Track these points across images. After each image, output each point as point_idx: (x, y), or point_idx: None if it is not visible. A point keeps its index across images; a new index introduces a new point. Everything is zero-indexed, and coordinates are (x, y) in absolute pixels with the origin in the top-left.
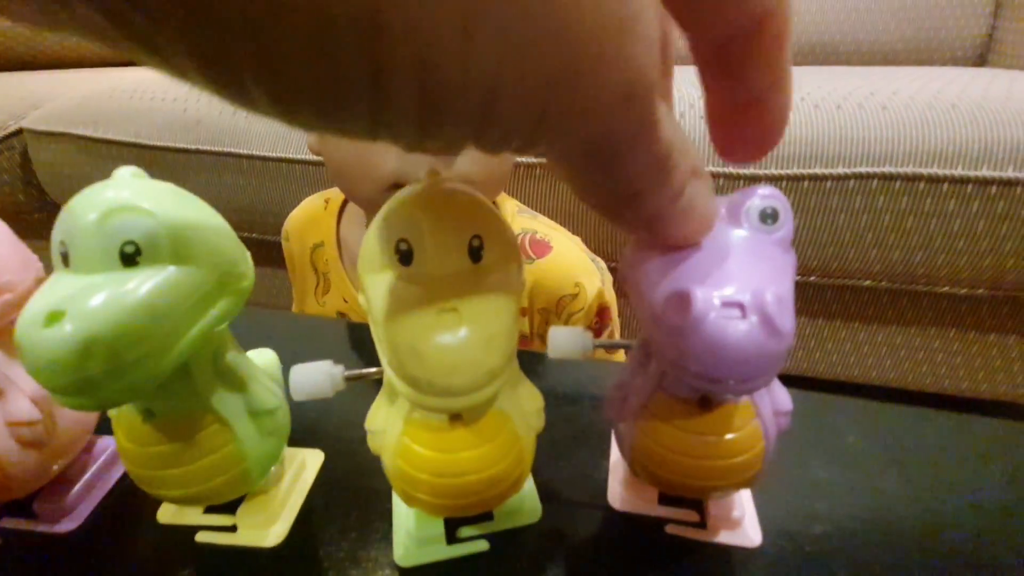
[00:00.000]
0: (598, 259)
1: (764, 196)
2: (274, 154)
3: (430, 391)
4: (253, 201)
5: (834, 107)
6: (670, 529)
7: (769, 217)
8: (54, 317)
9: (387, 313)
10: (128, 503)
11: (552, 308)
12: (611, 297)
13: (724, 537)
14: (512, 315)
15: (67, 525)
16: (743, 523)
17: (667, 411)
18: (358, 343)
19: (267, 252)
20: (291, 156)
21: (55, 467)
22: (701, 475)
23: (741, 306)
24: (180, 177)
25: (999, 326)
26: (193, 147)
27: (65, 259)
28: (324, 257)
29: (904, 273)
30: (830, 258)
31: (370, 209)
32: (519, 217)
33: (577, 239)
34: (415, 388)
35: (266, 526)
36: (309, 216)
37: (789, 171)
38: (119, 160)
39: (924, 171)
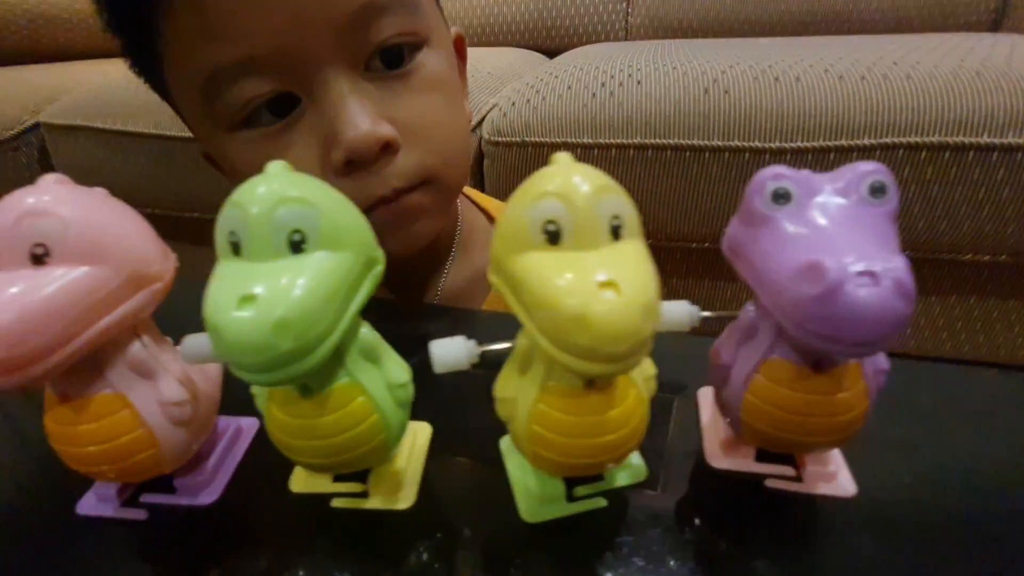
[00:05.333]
0: None
1: (874, 170)
2: None
3: (593, 358)
4: None
5: (859, 78)
6: (770, 483)
7: (879, 191)
8: (246, 300)
9: (546, 289)
10: (258, 476)
11: None
12: None
13: (822, 489)
14: (657, 285)
15: (207, 498)
16: (838, 476)
17: (781, 374)
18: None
19: None
20: None
21: (195, 445)
22: (813, 432)
23: (873, 274)
24: (204, 167)
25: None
26: None
27: (235, 248)
28: None
29: (928, 242)
30: None
31: None
32: None
33: None
34: (578, 356)
35: (396, 491)
36: None
37: (816, 143)
38: (140, 153)
39: (950, 140)
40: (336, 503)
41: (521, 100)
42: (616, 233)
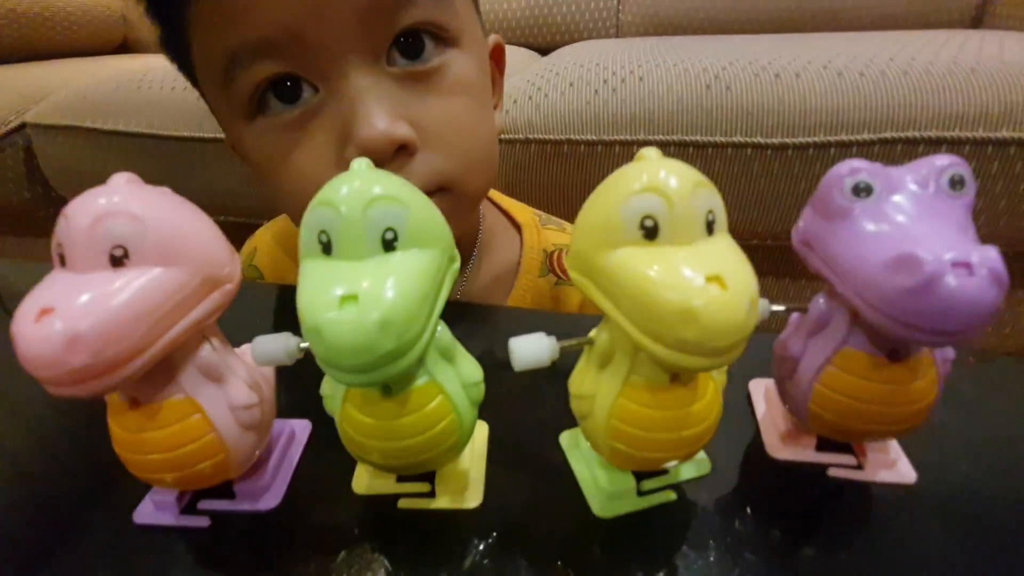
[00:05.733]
0: None
1: (952, 163)
2: None
3: (699, 352)
4: None
5: (857, 74)
6: (832, 472)
7: (959, 183)
8: (348, 300)
9: (649, 284)
10: (318, 478)
11: None
12: None
13: (883, 477)
14: (755, 278)
15: (268, 503)
16: (897, 463)
17: (856, 364)
18: None
19: None
20: None
21: (259, 449)
22: (885, 420)
23: (968, 264)
24: (198, 166)
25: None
26: (211, 135)
27: (327, 248)
28: None
29: None
30: None
31: None
32: (544, 231)
33: None
34: (681, 351)
35: (462, 491)
36: (276, 261)
37: (817, 139)
38: (131, 152)
39: (947, 134)
40: (403, 504)
41: (523, 97)
42: (710, 228)
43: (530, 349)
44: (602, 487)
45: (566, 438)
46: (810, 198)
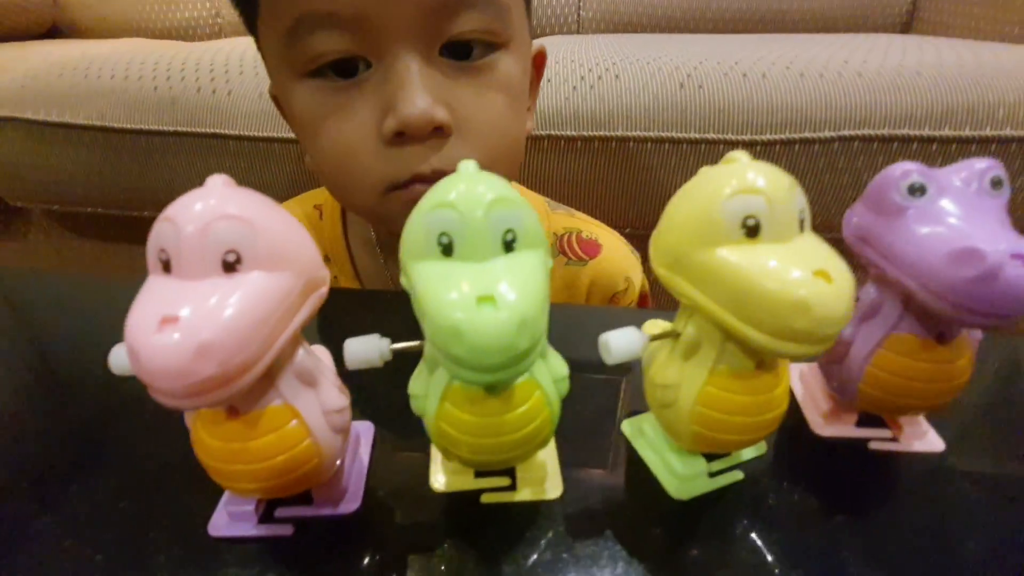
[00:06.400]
0: (630, 246)
1: (991, 166)
2: (264, 134)
3: (806, 340)
4: (243, 185)
5: (817, 75)
6: (873, 446)
7: (998, 183)
8: (484, 301)
9: (758, 279)
10: (392, 479)
11: (606, 305)
12: (645, 281)
13: (916, 447)
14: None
15: (349, 506)
16: (928, 434)
17: (907, 347)
18: None
19: None
20: (284, 136)
21: (342, 453)
22: (931, 396)
23: (1022, 256)
24: (157, 162)
25: None
26: (171, 129)
27: (447, 249)
28: (332, 273)
29: None
30: (816, 214)
31: (369, 216)
32: (554, 215)
33: (613, 231)
34: (789, 339)
35: (542, 482)
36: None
37: (783, 136)
38: (80, 146)
39: (898, 132)
40: (486, 498)
41: None
42: (802, 226)
43: (624, 342)
44: (676, 471)
45: (628, 426)
46: (861, 197)
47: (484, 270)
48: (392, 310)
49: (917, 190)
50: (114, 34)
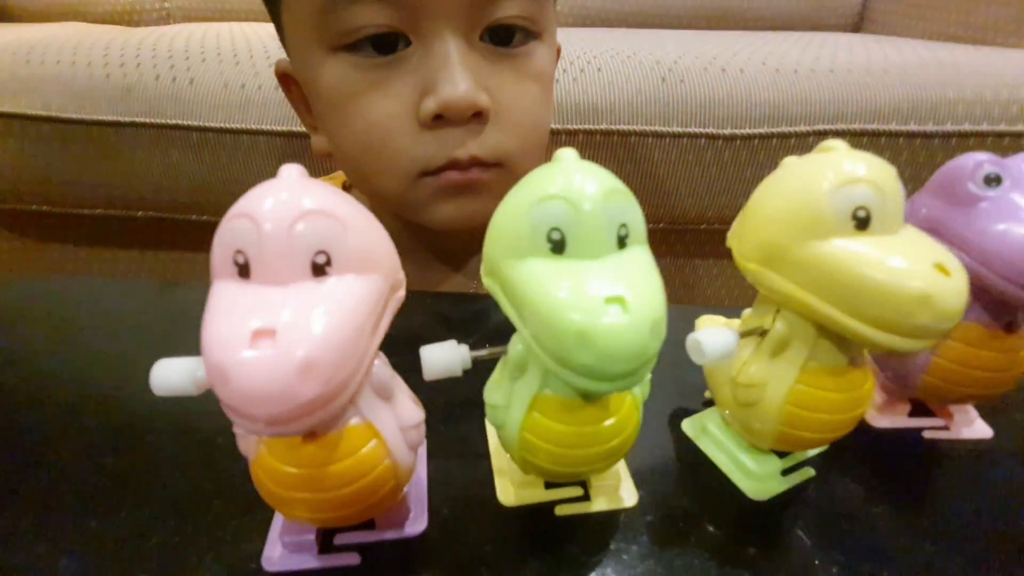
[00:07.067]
0: None
1: None
2: (230, 125)
3: (924, 335)
4: (208, 180)
5: (791, 72)
6: (927, 434)
7: None
8: (613, 303)
9: (884, 273)
10: (454, 495)
11: None
12: None
13: (966, 434)
14: None
15: (416, 527)
16: (975, 422)
17: (975, 336)
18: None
19: None
20: (251, 127)
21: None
22: (994, 385)
23: None
24: (114, 155)
25: None
26: (127, 119)
27: (558, 246)
28: None
29: None
30: None
31: (399, 203)
32: None
33: None
34: (911, 336)
35: (616, 490)
36: None
37: (760, 130)
38: (25, 138)
39: (868, 127)
40: (560, 510)
41: None
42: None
43: (720, 343)
44: (750, 471)
45: (689, 425)
46: (925, 188)
47: (605, 269)
48: (411, 310)
49: (993, 180)
50: (49, 18)
